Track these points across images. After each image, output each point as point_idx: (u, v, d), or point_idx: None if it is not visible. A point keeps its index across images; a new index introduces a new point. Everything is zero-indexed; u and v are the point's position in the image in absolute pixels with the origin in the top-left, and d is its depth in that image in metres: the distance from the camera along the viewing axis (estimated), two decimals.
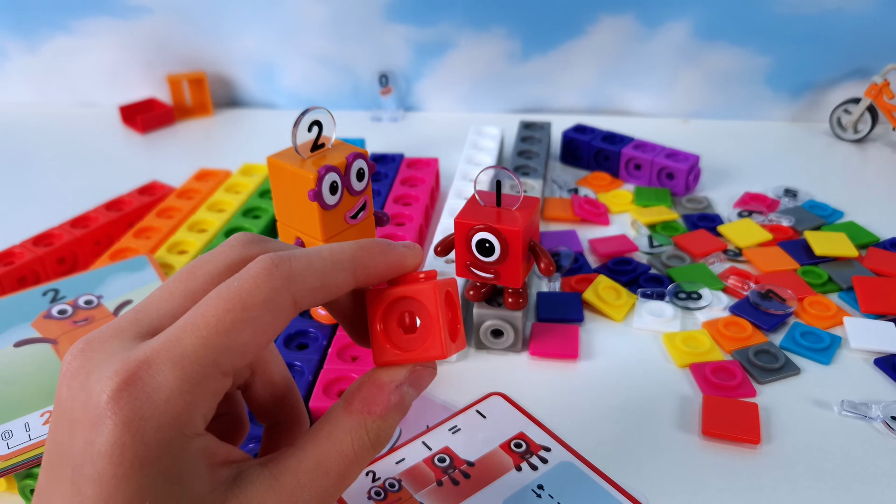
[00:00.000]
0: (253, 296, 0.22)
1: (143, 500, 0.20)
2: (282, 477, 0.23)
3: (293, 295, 0.23)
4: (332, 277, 0.24)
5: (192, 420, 0.21)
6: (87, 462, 0.21)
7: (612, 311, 0.47)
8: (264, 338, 0.23)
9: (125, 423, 0.20)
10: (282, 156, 0.38)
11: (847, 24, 0.71)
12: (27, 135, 0.79)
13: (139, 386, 0.21)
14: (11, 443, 0.34)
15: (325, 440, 0.24)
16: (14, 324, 0.42)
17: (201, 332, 0.22)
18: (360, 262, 0.25)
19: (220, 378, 0.22)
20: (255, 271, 0.23)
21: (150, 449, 0.20)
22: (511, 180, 0.55)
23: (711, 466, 0.36)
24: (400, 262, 0.26)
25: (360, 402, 0.25)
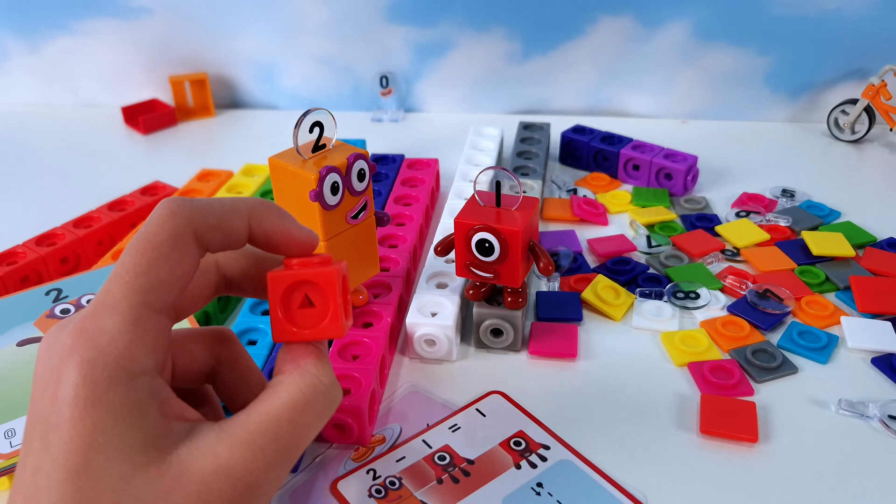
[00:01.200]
0: (158, 235, 0.25)
1: (97, 438, 0.22)
2: (232, 429, 0.24)
3: (194, 230, 0.25)
4: (229, 220, 0.26)
5: (136, 357, 0.23)
6: (52, 413, 0.23)
7: (611, 311, 0.47)
8: (180, 272, 0.25)
9: (78, 368, 0.23)
10: (283, 156, 0.39)
11: (845, 25, 0.71)
12: (30, 135, 0.79)
13: (86, 336, 0.23)
14: (14, 441, 0.35)
15: (271, 395, 0.25)
16: (17, 323, 0.42)
17: (124, 279, 0.24)
18: (255, 212, 0.27)
19: (154, 315, 0.24)
20: (159, 213, 0.25)
21: (99, 387, 0.23)
22: (510, 181, 0.55)
23: (709, 464, 0.36)
24: (291, 232, 0.28)
25: (289, 360, 0.26)
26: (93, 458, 0.22)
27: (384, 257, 0.49)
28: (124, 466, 0.23)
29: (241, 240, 0.27)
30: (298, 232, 0.28)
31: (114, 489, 0.22)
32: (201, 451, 0.24)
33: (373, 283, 0.47)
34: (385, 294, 0.46)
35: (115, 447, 0.23)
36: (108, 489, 0.22)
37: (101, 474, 0.22)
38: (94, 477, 0.22)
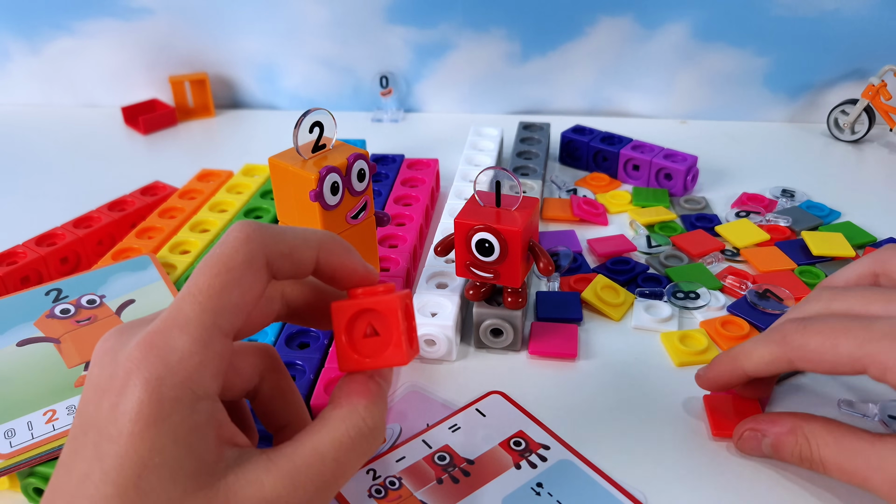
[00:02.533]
0: (233, 259, 0.25)
1: (154, 458, 0.22)
2: (279, 461, 0.25)
3: (267, 257, 0.26)
4: (300, 250, 0.27)
5: (202, 380, 0.24)
6: (110, 423, 0.23)
7: (611, 311, 0.47)
8: (251, 296, 0.25)
9: (144, 384, 0.23)
10: (283, 156, 0.39)
11: (844, 25, 0.71)
12: (30, 136, 0.79)
13: (156, 352, 0.23)
14: (14, 441, 0.35)
15: (319, 429, 0.26)
16: (17, 323, 0.42)
17: (197, 299, 0.24)
18: (324, 245, 0.27)
19: (222, 338, 0.24)
20: (234, 237, 0.25)
21: (164, 406, 0.23)
22: (510, 181, 0.55)
23: (710, 464, 0.36)
24: (355, 267, 0.28)
25: (344, 394, 0.27)
26: (145, 477, 0.22)
27: (384, 257, 0.49)
28: (174, 490, 0.23)
29: (307, 270, 0.27)
30: (362, 267, 0.28)
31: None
32: (248, 481, 0.24)
33: None
34: None
35: (169, 469, 0.23)
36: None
37: (151, 494, 0.22)
38: (143, 496, 0.22)
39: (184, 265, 0.49)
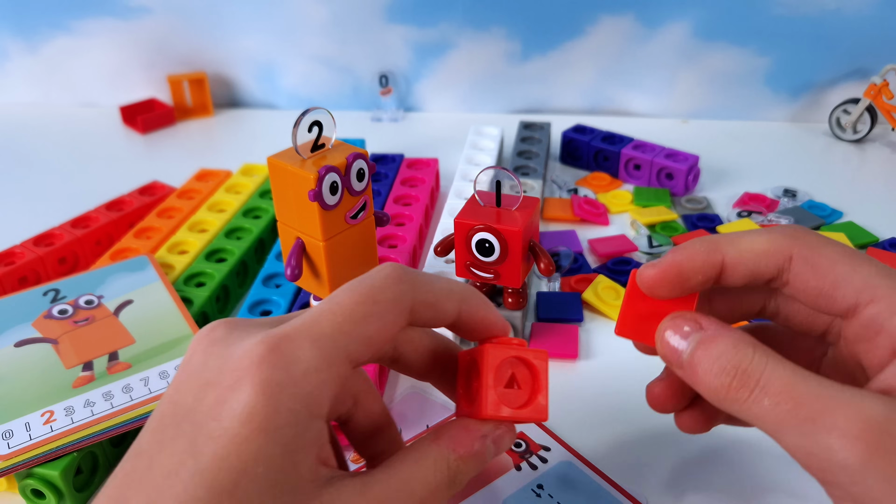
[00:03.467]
0: (383, 293, 0.25)
1: (257, 467, 0.21)
2: (371, 487, 0.24)
3: (412, 301, 0.25)
4: (443, 301, 0.26)
5: (320, 399, 0.23)
6: (213, 420, 0.21)
7: (612, 311, 0.47)
8: (387, 334, 0.25)
9: (262, 387, 0.21)
10: (282, 156, 0.38)
11: (846, 24, 0.71)
12: (28, 135, 0.79)
13: (280, 356, 0.22)
14: (12, 442, 0.35)
15: (412, 463, 0.25)
16: (15, 323, 0.42)
17: (336, 318, 0.23)
18: (466, 300, 0.27)
19: (347, 365, 0.24)
20: (386, 274, 0.25)
21: (280, 416, 0.21)
22: (511, 180, 0.55)
23: (711, 465, 0.36)
24: (494, 321, 0.28)
25: (447, 438, 0.26)
26: (242, 485, 0.21)
27: (384, 257, 0.49)
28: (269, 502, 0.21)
29: (447, 320, 0.27)
30: (500, 321, 0.28)
31: None
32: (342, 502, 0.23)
33: None
34: None
35: (269, 481, 0.21)
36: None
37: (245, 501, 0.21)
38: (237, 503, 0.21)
39: (182, 265, 0.49)
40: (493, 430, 0.27)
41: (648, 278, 0.27)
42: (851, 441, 0.21)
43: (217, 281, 0.48)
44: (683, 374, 0.25)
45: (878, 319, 0.24)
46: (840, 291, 0.25)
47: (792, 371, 0.23)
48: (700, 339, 0.25)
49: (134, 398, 0.37)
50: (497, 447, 0.27)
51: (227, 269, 0.49)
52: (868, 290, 0.24)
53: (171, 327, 0.42)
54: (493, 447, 0.27)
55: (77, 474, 0.35)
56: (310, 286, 0.41)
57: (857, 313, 0.25)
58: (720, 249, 0.26)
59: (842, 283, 0.25)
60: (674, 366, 0.25)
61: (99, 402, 0.37)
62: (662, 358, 0.26)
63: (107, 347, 0.40)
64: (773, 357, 0.23)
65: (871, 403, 0.21)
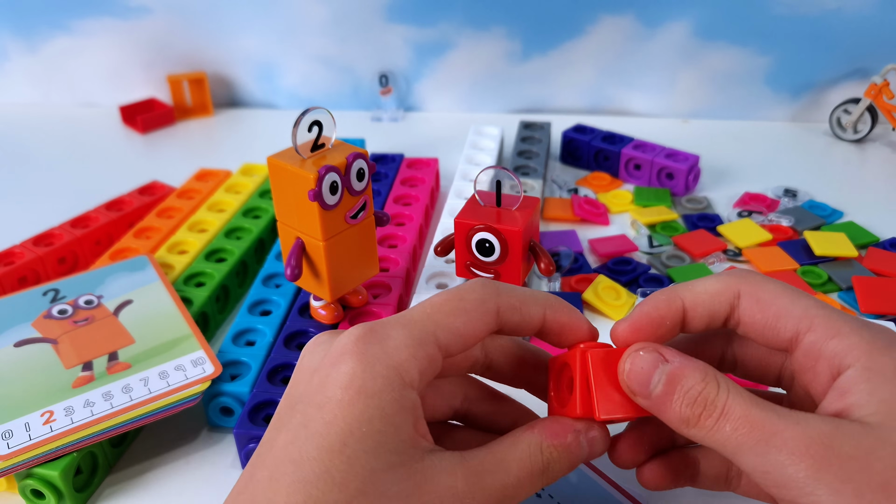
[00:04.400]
0: (470, 293, 0.27)
1: (361, 426, 0.23)
2: (471, 459, 0.26)
3: (498, 304, 0.27)
4: (529, 304, 0.28)
5: (411, 371, 0.25)
6: (318, 393, 0.24)
7: (612, 311, 0.47)
8: (473, 331, 0.27)
9: (359, 358, 0.24)
10: (282, 156, 0.38)
11: (847, 24, 0.71)
12: (28, 135, 0.79)
13: (374, 336, 0.25)
14: (11, 443, 0.34)
15: (509, 445, 0.27)
16: (14, 324, 0.42)
17: (426, 310, 0.27)
18: (550, 304, 0.29)
19: (436, 347, 0.26)
20: (473, 281, 0.28)
21: (377, 381, 0.24)
22: (511, 180, 0.55)
23: None
24: (581, 325, 0.29)
25: (542, 426, 0.27)
26: (350, 444, 0.23)
27: (384, 257, 0.48)
28: (377, 461, 0.23)
29: (533, 325, 0.29)
30: (587, 325, 0.29)
31: (363, 479, 0.23)
32: (444, 468, 0.25)
33: (372, 283, 0.46)
34: (385, 294, 0.46)
35: (374, 441, 0.23)
36: (357, 477, 0.23)
37: (354, 462, 0.23)
38: (346, 462, 0.23)
39: (182, 265, 0.49)
40: (585, 427, 0.28)
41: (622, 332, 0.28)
42: (800, 457, 0.23)
43: (217, 281, 0.48)
44: (650, 404, 0.26)
45: (816, 346, 0.26)
46: (782, 322, 0.27)
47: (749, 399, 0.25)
48: (668, 371, 0.26)
49: (134, 398, 0.37)
50: (591, 448, 0.28)
51: (227, 269, 0.49)
52: (806, 318, 0.26)
53: (171, 327, 0.42)
54: (587, 446, 0.28)
55: (77, 474, 0.35)
56: (310, 286, 0.41)
57: (799, 343, 0.26)
58: (679, 296, 0.28)
59: (783, 315, 0.27)
60: (639, 397, 0.27)
61: (99, 402, 0.37)
62: (627, 390, 0.27)
63: (106, 347, 0.40)
64: (733, 387, 0.25)
65: (816, 423, 0.23)
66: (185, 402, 0.37)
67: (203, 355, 0.40)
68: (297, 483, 0.23)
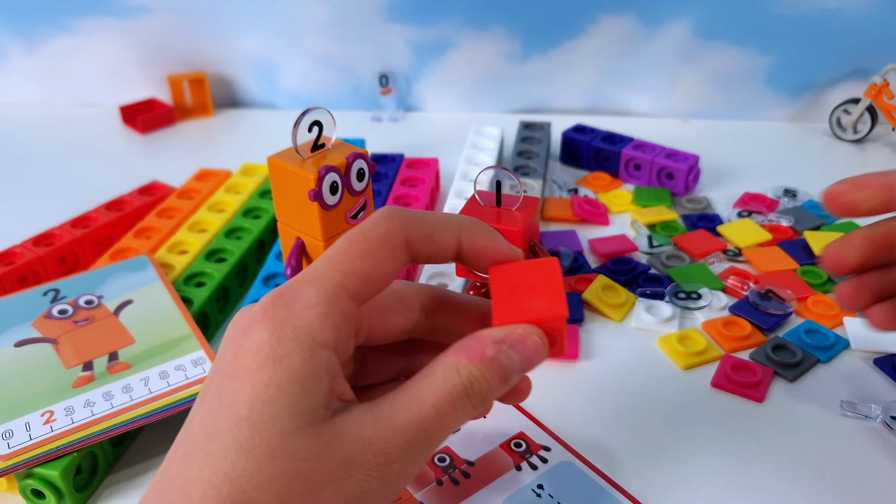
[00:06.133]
0: (373, 231, 0.26)
1: (268, 391, 0.23)
2: (380, 404, 0.25)
3: (407, 235, 0.27)
4: (440, 232, 0.27)
5: (322, 329, 0.24)
6: (231, 365, 0.24)
7: (612, 311, 0.47)
8: (384, 269, 0.26)
9: (268, 325, 0.24)
10: (282, 156, 0.38)
11: (847, 24, 0.71)
12: (28, 135, 0.79)
13: (283, 300, 0.25)
14: (12, 443, 0.35)
15: (422, 376, 0.26)
16: (14, 323, 0.42)
17: (331, 260, 0.26)
18: (465, 229, 0.28)
19: (348, 299, 0.25)
20: (377, 214, 0.27)
21: (284, 345, 0.24)
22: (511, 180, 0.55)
23: (711, 466, 0.36)
24: (499, 248, 0.28)
25: (456, 348, 0.26)
26: (257, 409, 0.23)
27: None
28: (285, 424, 0.23)
29: (449, 253, 0.28)
30: (507, 248, 0.28)
31: (270, 444, 0.23)
32: (353, 420, 0.24)
33: None
34: None
35: (282, 404, 0.23)
36: (263, 443, 0.23)
37: (262, 427, 0.23)
38: (254, 428, 0.23)
39: (182, 265, 0.49)
40: (508, 334, 0.26)
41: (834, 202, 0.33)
42: None
43: (217, 281, 0.48)
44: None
45: None
46: None
47: None
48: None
49: (134, 398, 0.37)
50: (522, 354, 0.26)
51: (227, 269, 0.49)
52: None
53: (171, 327, 0.42)
54: (515, 354, 0.26)
55: (77, 474, 0.35)
56: None
57: None
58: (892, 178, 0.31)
59: None
60: None
61: (99, 402, 0.37)
62: None
63: (107, 347, 0.40)
64: None
65: None
66: (186, 401, 0.37)
67: (203, 355, 0.40)
68: (208, 456, 0.23)
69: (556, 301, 0.27)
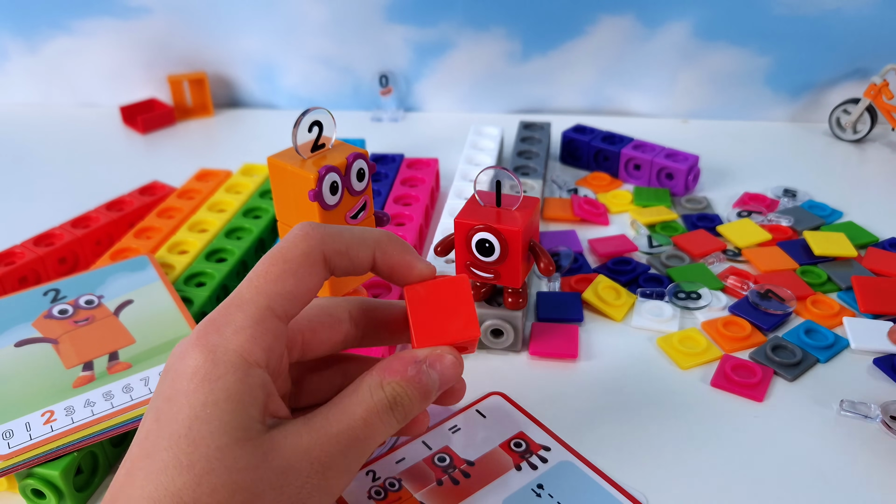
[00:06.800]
0: (291, 251, 0.28)
1: (206, 409, 0.24)
2: (313, 417, 0.27)
3: (324, 253, 0.28)
4: (356, 249, 0.29)
5: (253, 351, 0.26)
6: (169, 387, 0.26)
7: (612, 311, 0.47)
8: (305, 287, 0.28)
9: (202, 349, 0.26)
10: (282, 156, 0.38)
11: (846, 24, 0.71)
12: (28, 135, 0.79)
13: (214, 326, 0.26)
14: (12, 442, 0.35)
15: (350, 393, 0.28)
16: (15, 323, 0.42)
17: (254, 283, 0.27)
18: (380, 245, 0.30)
19: (275, 320, 0.27)
20: (294, 234, 0.28)
21: (219, 367, 0.25)
22: (511, 180, 0.55)
23: (711, 466, 0.36)
24: (412, 264, 0.30)
25: (380, 366, 0.29)
26: (195, 427, 0.24)
27: None
28: (223, 438, 0.24)
29: (364, 267, 0.30)
30: (419, 263, 0.31)
31: (209, 458, 0.24)
32: (289, 433, 0.26)
33: (372, 283, 0.46)
34: (385, 294, 0.46)
35: (220, 421, 0.24)
36: (203, 457, 0.24)
37: (200, 442, 0.24)
38: (193, 444, 0.24)
39: (182, 265, 0.49)
40: (427, 355, 0.29)
41: None
42: None
43: (217, 281, 0.48)
44: None
45: None
46: None
47: None
48: None
49: (134, 398, 0.37)
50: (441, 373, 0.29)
51: (227, 269, 0.49)
52: None
53: (171, 327, 0.42)
54: (435, 373, 0.29)
55: (77, 474, 0.35)
56: None
57: None
58: None
59: None
60: None
61: (99, 402, 0.37)
62: None
63: (107, 347, 0.40)
64: None
65: None
66: None
67: None
68: (149, 475, 0.24)
69: (470, 321, 0.29)
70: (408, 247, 0.30)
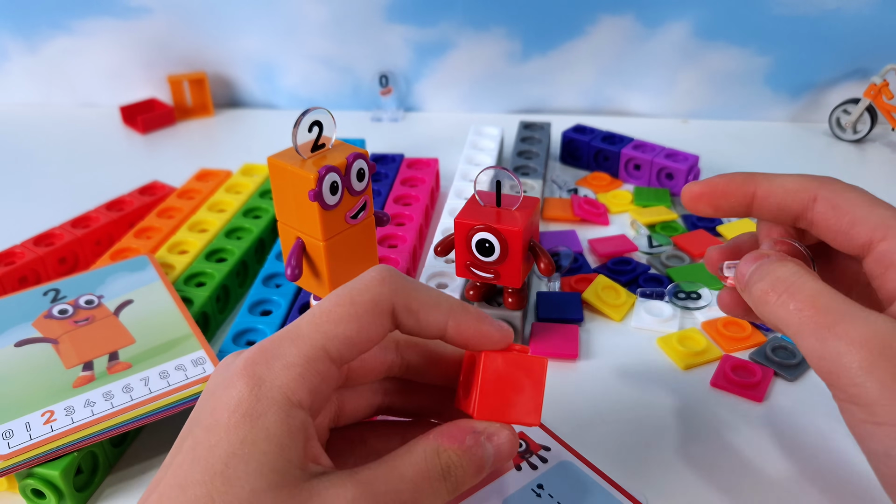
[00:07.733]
0: (361, 294, 0.26)
1: (244, 448, 0.23)
2: (361, 472, 0.25)
3: (394, 305, 0.27)
4: (428, 310, 0.27)
5: (298, 390, 0.25)
6: (209, 415, 0.24)
7: (612, 311, 0.47)
8: (367, 335, 0.26)
9: (248, 381, 0.24)
10: (282, 156, 0.38)
11: (846, 24, 0.71)
12: (28, 135, 0.79)
13: (264, 356, 0.25)
14: (12, 442, 0.35)
15: (403, 452, 0.26)
16: (15, 323, 0.42)
17: (315, 320, 0.26)
18: (455, 314, 0.28)
19: (327, 362, 0.25)
20: (370, 276, 0.27)
21: (262, 403, 0.24)
22: (511, 180, 0.55)
23: (711, 466, 0.36)
24: (489, 333, 0.28)
25: (438, 431, 0.27)
26: (232, 465, 0.23)
27: (384, 257, 0.49)
28: (259, 481, 0.23)
29: (431, 333, 0.28)
30: (496, 333, 0.28)
31: (243, 499, 0.23)
32: (332, 483, 0.24)
33: None
34: None
35: (257, 462, 0.23)
36: (237, 498, 0.23)
37: (235, 482, 0.23)
38: (227, 483, 0.23)
39: (182, 265, 0.49)
40: (486, 428, 0.27)
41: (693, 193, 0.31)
42: (857, 348, 0.24)
43: (217, 281, 0.48)
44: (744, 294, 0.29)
45: (888, 255, 0.27)
46: (856, 230, 0.28)
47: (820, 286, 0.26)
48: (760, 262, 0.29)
49: (134, 398, 0.37)
50: (497, 449, 0.27)
51: (227, 269, 0.49)
52: (881, 229, 0.28)
53: (172, 327, 0.42)
54: (491, 448, 0.27)
55: (77, 474, 0.35)
56: (310, 286, 0.41)
57: (871, 250, 0.28)
58: (755, 181, 0.30)
59: (858, 223, 0.28)
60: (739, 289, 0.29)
61: (99, 402, 0.37)
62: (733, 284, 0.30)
63: (107, 347, 0.40)
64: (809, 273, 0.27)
65: (880, 320, 0.25)
66: (186, 401, 0.37)
67: (203, 355, 0.40)
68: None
69: (535, 407, 0.28)
70: (483, 315, 0.29)
